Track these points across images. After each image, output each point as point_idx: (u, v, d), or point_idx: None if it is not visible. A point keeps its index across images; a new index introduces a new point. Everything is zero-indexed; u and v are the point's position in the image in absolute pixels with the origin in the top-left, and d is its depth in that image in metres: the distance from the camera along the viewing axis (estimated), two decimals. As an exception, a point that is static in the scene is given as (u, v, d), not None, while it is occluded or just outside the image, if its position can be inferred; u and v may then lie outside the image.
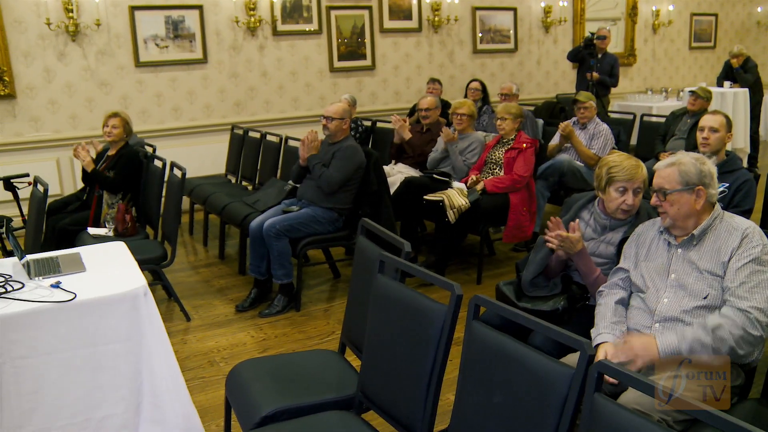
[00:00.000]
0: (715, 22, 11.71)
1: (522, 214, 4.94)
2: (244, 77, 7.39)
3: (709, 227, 2.51)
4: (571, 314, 2.88)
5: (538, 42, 9.45)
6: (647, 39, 10.84)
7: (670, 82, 10.96)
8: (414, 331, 2.27)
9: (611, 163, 2.93)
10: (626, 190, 2.88)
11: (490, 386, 2.02)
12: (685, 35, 11.38)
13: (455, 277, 5.00)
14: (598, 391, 1.74)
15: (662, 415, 2.13)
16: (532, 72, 9.46)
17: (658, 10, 10.76)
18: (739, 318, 2.31)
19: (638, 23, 10.58)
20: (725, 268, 2.42)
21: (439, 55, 8.60)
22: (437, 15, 8.39)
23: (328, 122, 4.55)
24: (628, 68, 10.49)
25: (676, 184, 2.50)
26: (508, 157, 4.99)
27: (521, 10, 9.20)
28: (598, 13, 10.00)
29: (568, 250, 2.86)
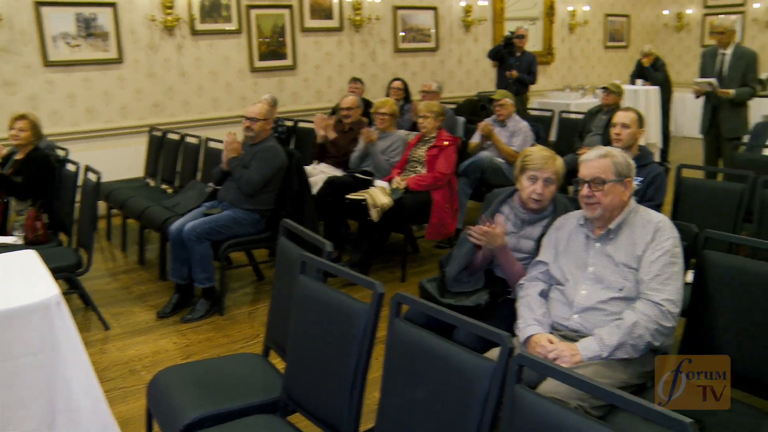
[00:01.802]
0: (627, 23, 12.12)
1: (444, 211, 4.98)
2: (162, 77, 7.21)
3: (625, 221, 2.59)
4: (494, 309, 2.92)
5: (458, 41, 9.57)
6: (564, 38, 11.12)
7: (586, 79, 11.27)
8: (337, 331, 2.26)
9: (525, 152, 3.05)
10: (536, 179, 2.95)
11: (414, 383, 2.03)
12: (600, 35, 11.73)
13: (380, 276, 5.01)
14: (518, 383, 1.77)
15: (579, 402, 2.19)
16: (453, 70, 9.57)
17: (574, 11, 11.05)
18: (653, 312, 2.40)
19: (555, 23, 10.84)
20: (639, 261, 2.51)
21: (361, 54, 8.60)
22: (358, 14, 8.39)
23: (249, 123, 4.49)
24: (546, 66, 10.74)
25: (612, 175, 2.58)
26: (430, 155, 5.03)
27: (442, 10, 9.29)
28: (517, 12, 10.19)
29: (490, 245, 2.89)
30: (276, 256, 2.91)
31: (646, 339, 2.39)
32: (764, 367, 2.50)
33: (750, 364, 2.53)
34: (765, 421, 2.35)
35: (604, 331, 2.43)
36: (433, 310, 2.08)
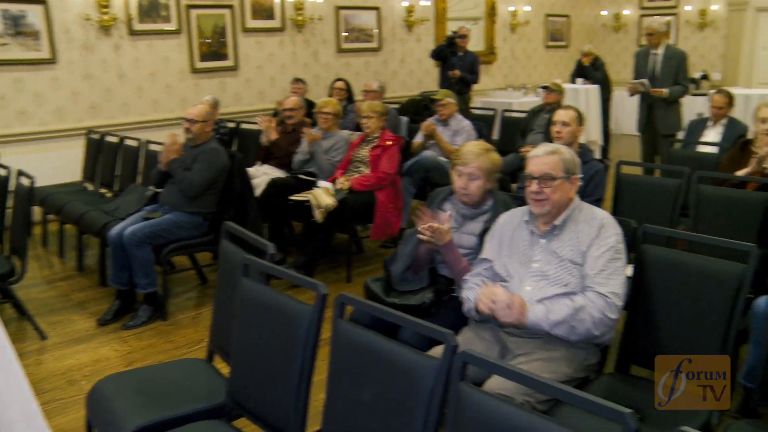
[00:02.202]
0: (567, 23, 12.34)
1: (389, 210, 4.99)
2: (99, 78, 7.02)
3: (570, 217, 2.63)
4: (439, 307, 2.93)
5: (401, 41, 9.59)
6: (506, 38, 11.26)
7: (528, 79, 11.44)
8: (281, 334, 2.24)
9: (458, 149, 3.12)
10: (462, 174, 2.99)
11: (360, 383, 2.03)
12: (541, 35, 11.92)
13: (325, 277, 4.99)
14: (462, 380, 1.78)
15: (526, 397, 2.22)
16: (396, 70, 9.59)
17: (515, 11, 11.20)
18: (600, 302, 2.44)
19: (497, 23, 10.96)
20: (584, 256, 2.55)
21: (304, 54, 8.55)
22: (300, 14, 8.34)
23: (190, 125, 4.41)
24: (489, 66, 10.85)
25: (561, 172, 2.61)
26: (373, 155, 5.03)
27: (384, 10, 9.31)
28: (460, 12, 10.27)
29: (437, 242, 2.90)
30: (218, 259, 2.87)
31: (587, 325, 2.44)
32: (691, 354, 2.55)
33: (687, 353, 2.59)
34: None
35: (554, 304, 2.47)
36: (377, 310, 2.08)
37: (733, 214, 3.78)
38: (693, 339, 2.58)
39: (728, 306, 2.51)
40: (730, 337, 2.51)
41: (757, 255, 2.53)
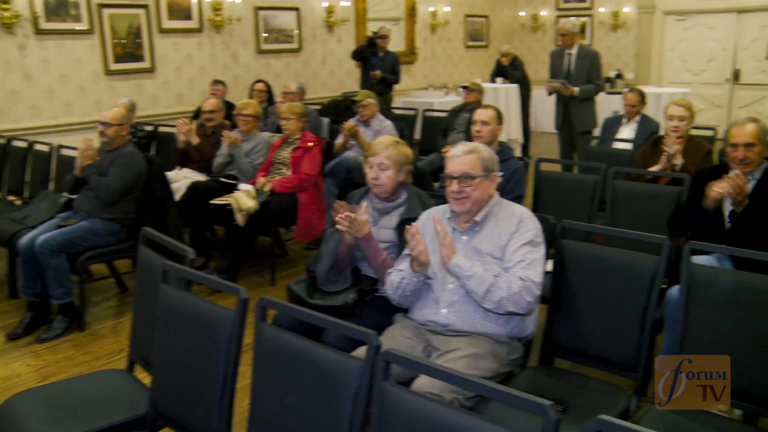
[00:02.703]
0: (487, 23, 12.54)
1: (312, 212, 4.96)
2: (3, 80, 6.68)
3: (490, 213, 2.68)
4: (363, 307, 2.92)
5: (322, 41, 9.55)
6: (426, 38, 11.35)
7: (449, 78, 11.57)
8: (203, 340, 2.20)
9: (370, 143, 3.15)
10: (372, 165, 3.03)
11: (284, 387, 2.01)
12: (461, 35, 12.07)
13: (249, 281, 4.93)
14: (386, 379, 1.79)
15: (453, 394, 2.24)
16: (317, 71, 9.54)
17: (435, 11, 11.30)
18: (518, 283, 2.50)
19: (417, 23, 11.03)
20: (504, 251, 2.61)
21: (223, 55, 8.41)
22: (219, 15, 8.19)
23: (105, 128, 4.27)
24: (410, 66, 10.92)
25: (480, 170, 2.65)
26: (294, 157, 4.99)
27: (304, 10, 9.24)
28: (380, 13, 10.30)
29: (356, 234, 2.90)
30: (137, 266, 2.79)
31: (502, 293, 2.49)
32: (619, 347, 2.65)
33: (606, 344, 2.68)
34: (621, 395, 2.51)
35: (480, 265, 2.53)
36: (299, 313, 2.07)
37: (647, 208, 3.91)
38: (612, 330, 2.66)
39: (644, 296, 2.61)
40: (646, 326, 2.60)
41: (668, 247, 2.62)
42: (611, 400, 2.49)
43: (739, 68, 11.03)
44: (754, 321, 2.45)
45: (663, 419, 2.40)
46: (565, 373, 2.78)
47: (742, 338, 2.46)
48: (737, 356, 2.44)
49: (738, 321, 2.47)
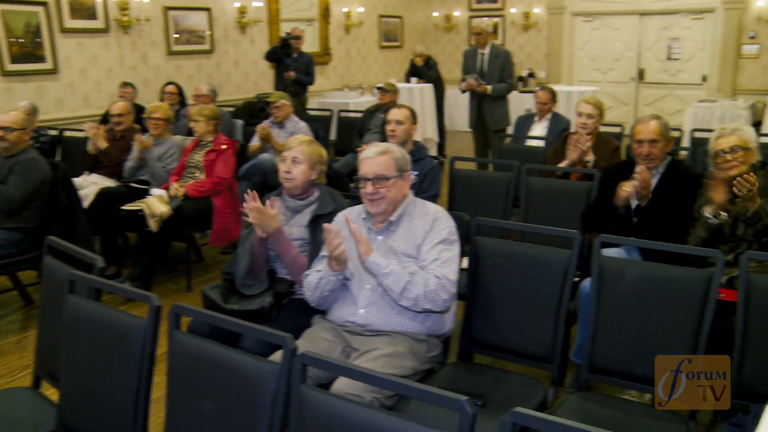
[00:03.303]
0: (401, 24, 12.62)
1: (227, 216, 4.87)
2: None
3: (405, 213, 2.70)
4: (280, 310, 2.89)
5: (234, 42, 9.38)
6: (341, 39, 11.33)
7: (364, 79, 11.58)
8: (114, 352, 2.13)
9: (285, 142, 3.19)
10: (285, 159, 3.03)
11: (201, 396, 1.97)
12: (375, 35, 12.10)
13: (164, 288, 4.80)
14: (303, 382, 1.78)
15: (373, 394, 2.24)
16: (230, 73, 9.38)
17: (349, 12, 11.30)
18: (434, 280, 2.52)
19: (331, 24, 11.00)
20: (419, 249, 2.62)
21: (131, 57, 8.15)
22: (126, 14, 7.92)
23: (5, 133, 4.08)
24: (324, 67, 10.87)
25: (394, 171, 2.66)
26: (208, 160, 4.89)
27: (215, 11, 9.05)
28: (293, 13, 10.21)
29: (266, 228, 2.87)
30: (42, 277, 2.67)
31: (418, 290, 2.50)
32: (535, 340, 2.70)
33: (523, 338, 2.73)
34: (539, 387, 2.57)
35: (396, 263, 2.54)
36: (213, 319, 2.03)
37: (559, 204, 4.01)
38: (527, 324, 2.71)
39: (557, 290, 2.67)
40: (560, 318, 2.66)
41: (579, 241, 2.69)
42: (529, 392, 2.54)
43: (644, 68, 11.49)
44: (660, 308, 2.54)
45: (578, 407, 2.47)
46: (484, 368, 2.81)
47: (651, 325, 2.54)
48: (647, 343, 2.54)
49: (646, 309, 2.56)
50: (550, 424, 1.48)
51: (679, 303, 2.51)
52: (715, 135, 3.25)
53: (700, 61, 11.02)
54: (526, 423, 1.52)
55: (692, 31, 11.01)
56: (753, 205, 3.00)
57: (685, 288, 2.52)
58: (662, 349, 2.50)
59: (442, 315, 2.66)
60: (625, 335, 2.59)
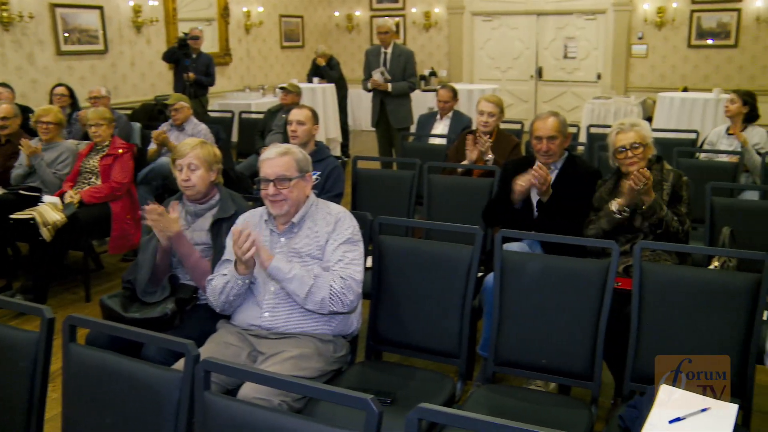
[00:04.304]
0: (302, 24, 12.54)
1: (126, 222, 4.71)
2: None
3: (307, 214, 2.68)
4: (183, 316, 2.82)
5: (130, 42, 9.08)
6: (241, 39, 11.16)
7: (266, 79, 11.45)
8: (2, 369, 2.01)
9: (176, 146, 3.12)
10: (182, 168, 2.96)
11: (100, 409, 1.91)
12: (276, 35, 11.98)
13: (60, 299, 4.61)
14: (207, 389, 1.75)
15: (281, 398, 2.22)
16: (126, 74, 9.07)
17: (248, 11, 11.14)
18: (339, 281, 2.52)
19: (231, 23, 10.82)
20: (323, 250, 2.61)
21: (15, 57, 7.72)
22: (6, 10, 7.49)
23: None
24: (225, 67, 10.69)
25: (295, 172, 2.63)
26: (104, 165, 4.71)
27: (108, 9, 8.72)
28: (191, 13, 9.98)
29: (166, 231, 2.81)
30: None
31: (323, 293, 2.50)
32: (441, 336, 2.73)
33: (430, 334, 2.75)
34: (447, 382, 2.60)
35: (299, 266, 2.53)
36: (111, 329, 1.96)
37: (461, 200, 4.06)
38: (433, 320, 2.74)
39: (461, 285, 2.71)
40: (465, 314, 2.70)
41: (481, 236, 2.73)
42: (438, 387, 2.57)
43: (542, 66, 11.86)
44: (561, 300, 2.61)
45: (486, 400, 2.52)
46: (393, 366, 2.83)
47: (553, 316, 2.62)
48: (549, 334, 2.61)
49: (548, 300, 2.63)
50: (455, 417, 1.50)
51: (578, 293, 2.59)
52: (614, 131, 3.36)
53: (595, 60, 11.48)
54: (431, 418, 1.53)
55: (586, 31, 11.46)
56: (648, 199, 3.13)
57: (583, 278, 2.60)
58: (564, 338, 2.58)
59: (349, 315, 2.66)
60: (528, 327, 2.65)
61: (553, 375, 2.66)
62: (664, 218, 3.12)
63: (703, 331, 2.47)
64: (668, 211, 3.15)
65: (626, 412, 2.31)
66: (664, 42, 10.96)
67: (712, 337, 2.45)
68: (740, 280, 2.48)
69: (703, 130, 7.10)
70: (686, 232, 3.22)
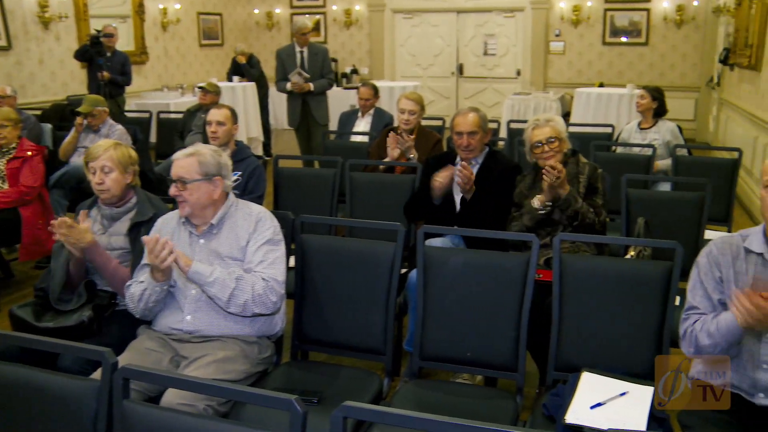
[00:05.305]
0: (221, 21, 12.34)
1: (38, 228, 4.51)
2: None
3: (227, 215, 2.64)
4: (101, 323, 2.73)
5: (37, 39, 8.69)
6: (158, 37, 10.89)
7: (184, 78, 11.21)
8: None
9: (88, 149, 3.03)
10: (95, 171, 2.87)
11: (14, 426, 1.84)
12: (195, 33, 11.75)
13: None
14: (126, 398, 1.71)
15: (206, 402, 2.19)
16: (34, 72, 8.69)
17: (164, 8, 10.88)
18: (261, 283, 2.50)
19: (147, 21, 10.54)
20: (244, 251, 2.59)
21: None
22: None
23: None
24: (141, 66, 10.40)
25: (196, 174, 2.58)
26: (11, 168, 4.50)
27: (9, 3, 8.22)
28: (103, 9, 9.66)
29: (78, 244, 2.71)
30: None
31: (246, 296, 2.47)
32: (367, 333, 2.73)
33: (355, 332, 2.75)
34: (374, 379, 2.61)
35: (220, 268, 2.49)
36: (21, 340, 1.87)
37: (384, 197, 4.07)
38: (358, 318, 2.74)
39: (385, 282, 2.71)
40: (390, 310, 2.71)
41: (403, 233, 2.74)
42: (364, 384, 2.57)
43: (462, 63, 12.02)
44: (484, 293, 2.65)
45: (413, 395, 2.54)
46: (320, 365, 2.82)
47: (477, 309, 2.65)
48: (473, 327, 2.65)
49: (471, 295, 2.66)
50: (380, 414, 1.50)
51: (500, 286, 2.63)
52: (530, 126, 3.43)
53: (514, 57, 11.72)
54: (356, 416, 1.53)
55: (505, 28, 11.69)
56: (564, 192, 3.20)
57: (505, 271, 2.64)
58: (488, 331, 2.62)
59: (273, 315, 2.64)
60: (453, 321, 2.67)
61: (478, 368, 2.70)
62: (580, 210, 3.21)
63: (621, 318, 2.54)
64: (583, 203, 3.24)
65: (550, 401, 2.36)
66: (580, 39, 11.29)
67: (630, 323, 2.53)
68: (654, 269, 2.56)
69: (618, 124, 7.35)
70: (602, 223, 3.32)
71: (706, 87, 10.51)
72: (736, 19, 8.42)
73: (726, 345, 2.10)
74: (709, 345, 2.12)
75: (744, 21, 7.88)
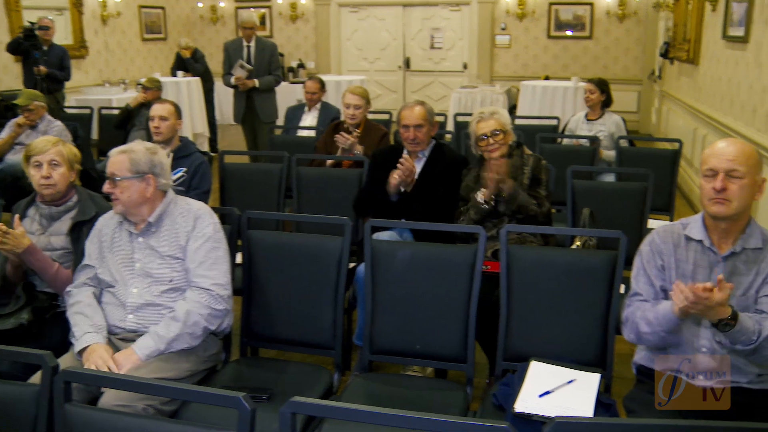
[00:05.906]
0: (163, 15, 12.09)
1: (-28, 229, 4.36)
2: None
3: (164, 213, 2.58)
4: (42, 326, 2.66)
5: (-34, 32, 8.38)
6: (98, 30, 10.61)
7: (126, 73, 10.95)
8: None
9: (28, 145, 2.96)
10: (40, 164, 2.79)
11: None
12: (136, 27, 11.48)
13: None
14: (68, 401, 1.67)
15: (147, 402, 2.15)
16: (-36, 66, 8.38)
17: (103, 1, 10.60)
18: (204, 298, 2.46)
19: (86, 14, 10.25)
20: (184, 250, 2.53)
21: None
22: None
23: None
24: (81, 60, 10.12)
25: (126, 172, 2.52)
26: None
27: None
28: (38, 1, 9.35)
29: (14, 249, 2.63)
30: None
31: (201, 325, 2.45)
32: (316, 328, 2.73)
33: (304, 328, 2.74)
34: (324, 374, 2.61)
35: (159, 327, 2.43)
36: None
37: (332, 192, 4.05)
38: (307, 313, 2.74)
39: (333, 277, 2.71)
40: (338, 305, 2.70)
41: (351, 227, 2.74)
42: (315, 379, 2.57)
43: (409, 56, 12.04)
44: (432, 285, 2.66)
45: (363, 389, 2.55)
46: (270, 362, 2.81)
47: (425, 302, 2.66)
48: (422, 320, 2.66)
49: (419, 287, 2.67)
50: (329, 409, 1.49)
51: (448, 278, 2.65)
52: (475, 119, 3.46)
53: (461, 50, 11.79)
54: (305, 411, 1.52)
55: (452, 22, 11.74)
56: (506, 187, 3.24)
57: (453, 264, 2.66)
58: (437, 323, 2.63)
59: (221, 314, 2.59)
60: (401, 314, 2.68)
61: (428, 360, 2.71)
62: (521, 202, 3.25)
63: (568, 307, 2.59)
64: (524, 195, 3.27)
65: (499, 390, 2.39)
66: (526, 33, 11.42)
67: (576, 312, 2.58)
68: (599, 258, 2.62)
69: (563, 116, 7.45)
70: (546, 214, 3.36)
71: (648, 80, 10.75)
72: (675, 14, 8.64)
73: (664, 333, 2.18)
74: (649, 333, 2.20)
75: (682, 16, 8.09)
